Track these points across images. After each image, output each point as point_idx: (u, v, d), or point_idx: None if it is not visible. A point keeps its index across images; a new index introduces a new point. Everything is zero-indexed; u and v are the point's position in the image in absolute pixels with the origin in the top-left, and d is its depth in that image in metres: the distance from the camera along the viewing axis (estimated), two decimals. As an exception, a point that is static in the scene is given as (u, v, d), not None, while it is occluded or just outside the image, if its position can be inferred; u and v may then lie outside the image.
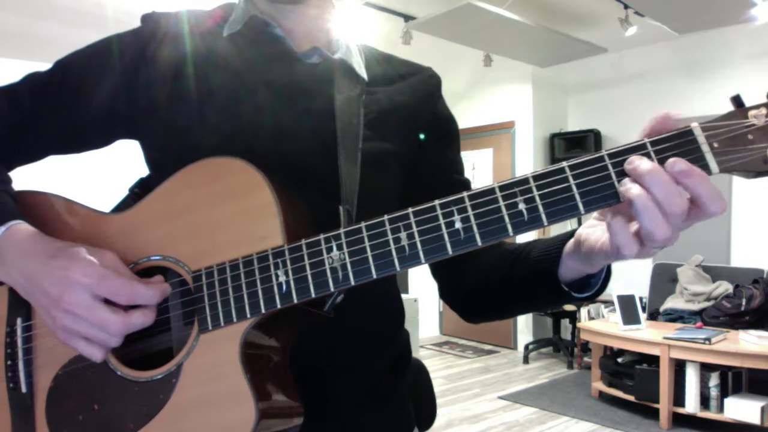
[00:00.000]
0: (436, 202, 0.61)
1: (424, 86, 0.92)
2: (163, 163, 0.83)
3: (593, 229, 0.65)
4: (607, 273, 0.71)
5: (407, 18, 4.63)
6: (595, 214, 0.65)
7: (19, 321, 0.76)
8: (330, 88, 0.82)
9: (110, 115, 0.84)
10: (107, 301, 0.67)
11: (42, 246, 0.70)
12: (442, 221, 0.60)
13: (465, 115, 6.34)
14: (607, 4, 4.41)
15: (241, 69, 0.81)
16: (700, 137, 0.55)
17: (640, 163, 0.55)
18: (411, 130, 0.88)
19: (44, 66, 0.86)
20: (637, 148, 0.56)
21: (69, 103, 0.83)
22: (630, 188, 0.55)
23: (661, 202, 0.54)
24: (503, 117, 6.31)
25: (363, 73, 0.87)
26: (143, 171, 0.87)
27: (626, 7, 4.37)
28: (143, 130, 0.84)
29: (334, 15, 0.89)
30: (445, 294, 0.93)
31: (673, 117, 0.58)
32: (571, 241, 0.69)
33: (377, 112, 0.85)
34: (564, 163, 0.58)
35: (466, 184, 0.93)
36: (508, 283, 0.80)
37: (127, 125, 0.85)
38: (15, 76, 0.86)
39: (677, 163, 0.54)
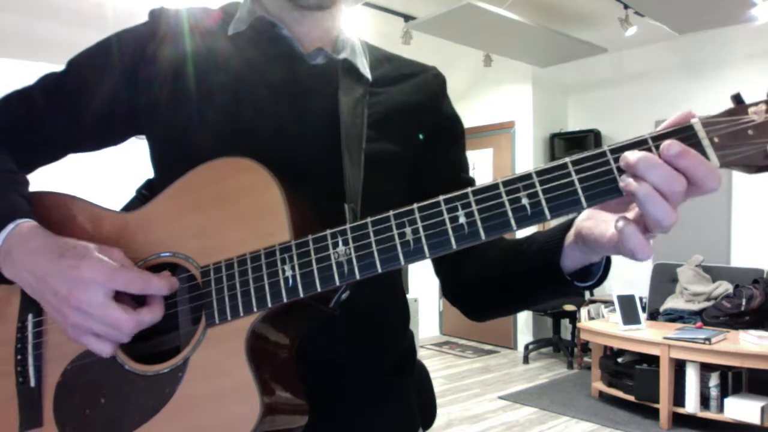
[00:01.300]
0: (441, 197, 0.62)
1: (429, 86, 0.92)
2: (165, 162, 0.84)
3: (594, 221, 0.65)
4: (608, 260, 0.71)
5: (407, 18, 4.64)
6: None
7: (30, 317, 0.77)
8: (334, 88, 0.83)
9: (112, 113, 0.84)
10: (117, 299, 0.68)
11: (50, 245, 0.70)
12: (446, 216, 0.61)
13: (465, 115, 6.30)
14: (607, 4, 4.41)
15: (243, 69, 0.82)
16: (701, 132, 0.55)
17: (629, 155, 0.56)
18: (415, 130, 0.88)
19: (44, 66, 0.87)
20: (639, 144, 0.57)
21: (74, 101, 0.84)
22: (629, 182, 0.55)
23: (660, 187, 0.54)
24: (503, 117, 6.31)
25: (367, 73, 0.87)
26: (151, 172, 0.88)
27: (626, 7, 4.38)
28: (145, 128, 0.85)
29: (339, 17, 0.89)
30: (448, 291, 0.93)
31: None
32: (572, 231, 0.69)
33: (381, 113, 0.85)
34: (566, 159, 0.59)
35: (471, 183, 0.92)
36: (511, 276, 0.80)
37: (130, 123, 0.85)
38: (15, 76, 0.87)
39: (672, 146, 0.54)
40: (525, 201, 0.59)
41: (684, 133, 0.56)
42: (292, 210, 0.68)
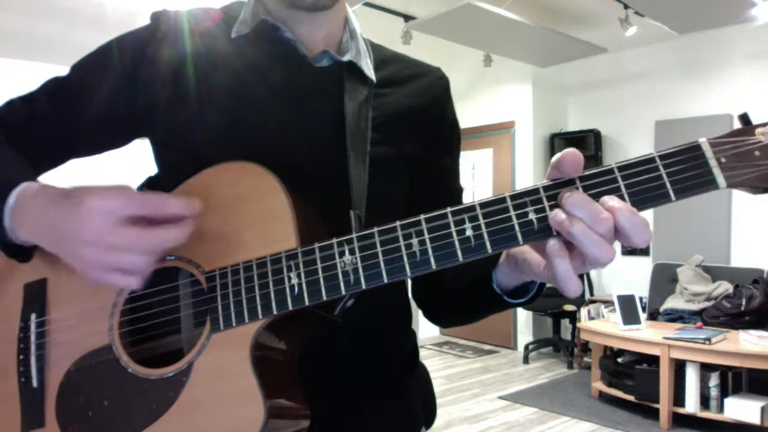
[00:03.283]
0: (448, 209, 0.62)
1: (433, 89, 0.92)
2: (168, 163, 0.84)
3: (528, 246, 0.66)
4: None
5: (407, 18, 4.64)
6: None
7: (33, 317, 0.77)
8: (339, 91, 0.82)
9: (113, 115, 0.84)
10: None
11: (55, 193, 0.69)
12: (453, 228, 0.61)
13: (465, 115, 6.34)
14: (607, 4, 4.41)
15: (245, 71, 0.81)
16: (708, 152, 0.56)
17: (561, 193, 0.58)
18: (418, 133, 0.88)
19: (44, 66, 0.87)
20: (647, 162, 0.57)
21: (76, 104, 0.84)
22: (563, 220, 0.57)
23: (589, 226, 0.55)
24: (503, 117, 6.31)
25: (372, 74, 0.86)
26: (152, 170, 0.88)
27: (626, 7, 4.38)
28: (146, 129, 0.85)
29: (344, 16, 0.89)
30: (413, 293, 0.96)
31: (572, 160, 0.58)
32: (504, 253, 0.71)
33: (385, 115, 0.85)
34: (575, 174, 0.59)
35: (460, 192, 0.95)
36: (458, 287, 0.83)
37: (132, 125, 0.85)
38: (15, 76, 0.87)
39: (609, 202, 0.56)
40: (532, 216, 0.59)
41: (691, 152, 0.56)
42: (298, 216, 0.68)
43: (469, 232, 0.60)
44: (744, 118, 0.58)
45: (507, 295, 0.75)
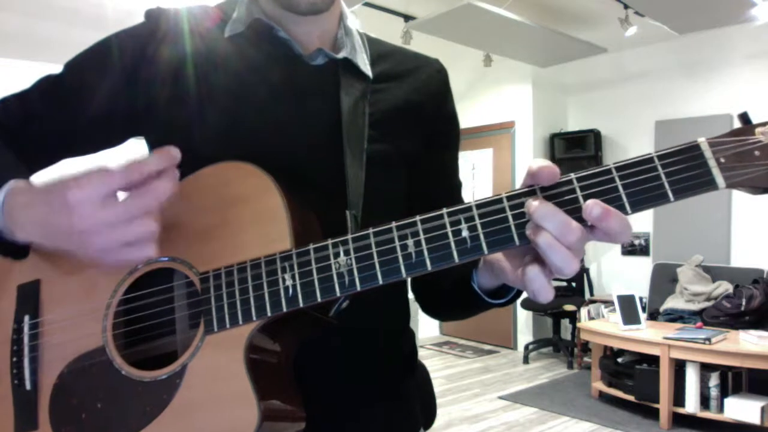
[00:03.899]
0: (444, 210, 0.61)
1: (432, 82, 0.91)
2: None
3: (505, 253, 0.66)
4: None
5: (407, 18, 4.64)
6: None
7: (26, 318, 0.76)
8: (335, 88, 0.82)
9: (112, 114, 0.83)
10: None
11: (38, 190, 0.68)
12: (449, 229, 0.61)
13: (465, 115, 6.34)
14: (607, 4, 4.41)
15: (243, 70, 0.81)
16: (707, 152, 0.55)
17: (528, 201, 0.58)
18: (417, 128, 0.87)
19: (44, 66, 0.86)
20: (645, 162, 0.57)
21: (72, 102, 0.83)
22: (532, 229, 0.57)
23: (557, 237, 0.55)
24: (503, 117, 6.31)
25: (368, 70, 0.85)
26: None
27: (626, 7, 4.38)
28: (144, 129, 0.84)
29: (339, 13, 0.88)
30: (412, 287, 0.96)
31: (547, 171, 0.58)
32: (481, 260, 0.72)
33: (383, 111, 0.84)
34: (572, 175, 0.59)
35: (459, 188, 0.95)
36: (444, 285, 0.84)
37: (130, 124, 0.85)
38: (15, 76, 0.87)
39: (594, 209, 0.55)
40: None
41: (690, 152, 0.56)
42: (293, 217, 0.67)
43: (465, 233, 0.60)
44: (744, 118, 0.57)
45: (489, 295, 0.76)
